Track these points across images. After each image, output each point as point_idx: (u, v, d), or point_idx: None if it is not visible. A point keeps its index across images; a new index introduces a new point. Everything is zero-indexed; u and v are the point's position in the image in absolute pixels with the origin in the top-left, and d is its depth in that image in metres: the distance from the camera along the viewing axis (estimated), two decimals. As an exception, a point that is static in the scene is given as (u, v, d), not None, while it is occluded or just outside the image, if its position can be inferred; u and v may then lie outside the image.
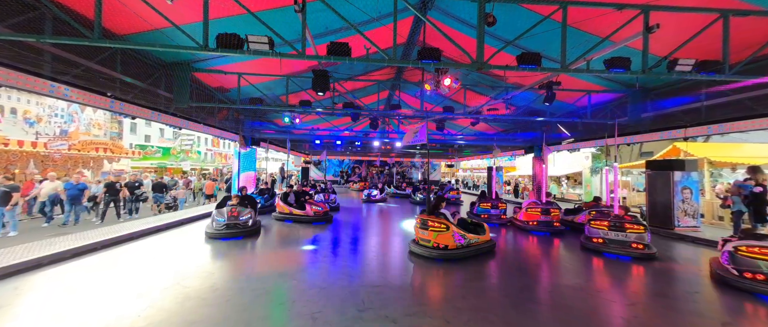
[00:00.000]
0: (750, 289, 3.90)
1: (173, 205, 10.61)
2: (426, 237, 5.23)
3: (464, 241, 5.22)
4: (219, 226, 6.33)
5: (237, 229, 6.36)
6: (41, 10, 4.28)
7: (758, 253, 3.98)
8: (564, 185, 20.34)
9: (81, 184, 8.38)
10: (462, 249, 5.17)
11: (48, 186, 8.39)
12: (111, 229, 6.42)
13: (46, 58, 4.83)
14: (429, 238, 5.17)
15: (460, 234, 5.21)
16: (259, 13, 4.13)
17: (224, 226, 6.32)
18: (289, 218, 8.32)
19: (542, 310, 3.44)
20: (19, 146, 11.63)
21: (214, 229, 6.33)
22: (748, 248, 4.08)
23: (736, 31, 4.35)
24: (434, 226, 5.16)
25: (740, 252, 4.13)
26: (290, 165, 27.06)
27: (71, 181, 8.44)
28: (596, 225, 5.86)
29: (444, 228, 5.13)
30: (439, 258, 5.02)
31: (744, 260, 4.07)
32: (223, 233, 6.23)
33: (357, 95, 10.22)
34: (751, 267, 3.99)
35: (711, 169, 11.67)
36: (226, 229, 6.27)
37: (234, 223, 6.40)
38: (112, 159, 15.63)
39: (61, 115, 25.69)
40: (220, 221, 6.39)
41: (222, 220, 6.40)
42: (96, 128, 26.61)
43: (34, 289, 3.69)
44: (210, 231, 6.36)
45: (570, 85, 7.87)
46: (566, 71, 4.65)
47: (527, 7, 4.82)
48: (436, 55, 4.56)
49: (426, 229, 5.24)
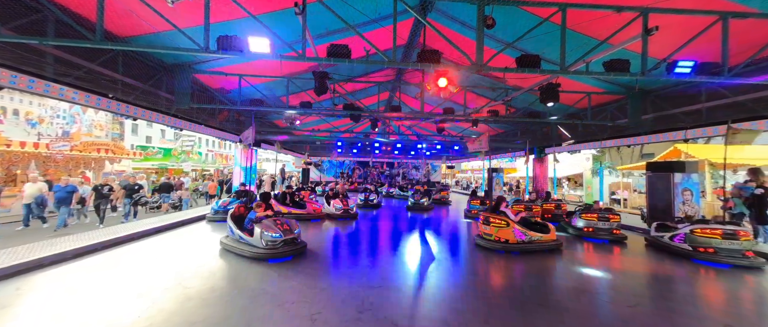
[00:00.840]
0: (702, 258, 5.41)
1: (178, 205, 10.84)
2: (488, 231, 6.03)
3: (526, 237, 5.79)
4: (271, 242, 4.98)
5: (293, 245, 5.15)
6: (44, 12, 4.32)
7: (710, 233, 5.40)
8: (565, 187, 20.32)
9: (70, 185, 8.03)
10: (522, 244, 5.76)
11: (31, 188, 8.02)
12: (110, 231, 6.45)
13: (48, 60, 4.86)
14: (491, 233, 5.98)
15: (522, 231, 5.81)
16: (259, 15, 4.16)
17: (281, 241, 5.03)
18: (287, 217, 8.43)
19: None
20: (21, 147, 11.68)
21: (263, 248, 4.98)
22: (702, 230, 5.53)
23: (735, 34, 4.35)
24: (495, 222, 5.96)
25: (696, 233, 5.55)
26: (290, 166, 27.13)
27: (59, 184, 8.05)
28: (586, 217, 7.24)
29: (504, 224, 5.86)
30: (501, 250, 5.77)
31: (699, 239, 5.49)
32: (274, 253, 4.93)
33: (357, 96, 10.25)
34: (704, 244, 5.43)
35: (712, 170, 11.65)
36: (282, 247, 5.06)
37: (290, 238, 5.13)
38: (113, 160, 15.68)
39: (63, 116, 25.82)
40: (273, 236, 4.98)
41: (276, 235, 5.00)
42: (98, 129, 26.73)
43: (36, 290, 3.72)
44: (239, 247, 5.20)
45: (570, 88, 7.87)
46: (565, 73, 4.66)
47: (526, 10, 4.83)
48: (435, 57, 4.58)
49: (488, 224, 6.05)
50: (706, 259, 5.36)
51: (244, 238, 5.19)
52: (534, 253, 5.72)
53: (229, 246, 5.37)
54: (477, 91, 9.20)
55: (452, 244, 6.62)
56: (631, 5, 4.21)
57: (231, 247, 5.33)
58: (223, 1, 4.20)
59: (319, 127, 13.39)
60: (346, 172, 24.58)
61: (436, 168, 25.74)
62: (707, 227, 5.54)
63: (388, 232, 7.79)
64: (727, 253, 5.25)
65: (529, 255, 5.65)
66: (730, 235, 5.29)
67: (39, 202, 8.12)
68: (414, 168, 25.61)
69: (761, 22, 4.35)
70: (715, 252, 5.32)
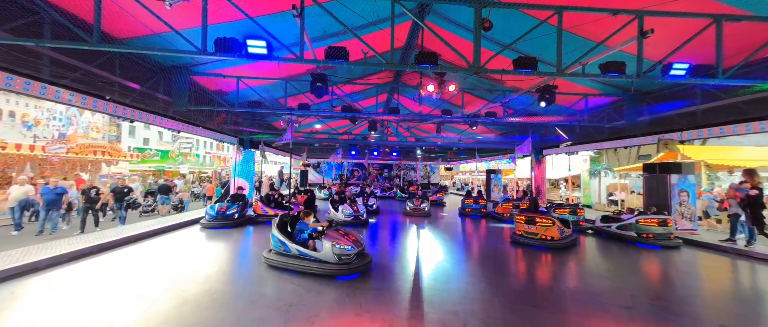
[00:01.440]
0: (644, 242, 6.68)
1: (179, 207, 10.80)
2: (533, 231, 6.47)
3: (564, 233, 6.38)
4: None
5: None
6: (40, 14, 4.31)
7: (650, 222, 6.75)
8: (563, 188, 20.39)
9: (59, 187, 7.73)
10: (563, 240, 6.29)
11: (17, 191, 7.72)
12: (109, 233, 6.40)
13: (44, 61, 4.84)
14: (537, 232, 6.42)
15: (561, 228, 6.36)
16: (257, 18, 4.16)
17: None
18: (271, 220, 8.32)
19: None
20: (17, 149, 11.59)
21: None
22: (645, 220, 6.82)
23: (729, 36, 4.40)
24: (542, 222, 6.44)
25: (640, 222, 6.82)
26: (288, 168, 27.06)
27: (48, 185, 7.72)
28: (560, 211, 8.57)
29: (551, 223, 6.36)
30: (544, 247, 6.24)
31: (641, 227, 6.77)
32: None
33: (355, 98, 10.26)
34: (645, 230, 6.73)
35: (708, 171, 11.74)
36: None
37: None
38: (110, 162, 15.59)
39: (59, 118, 25.66)
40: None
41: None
42: (94, 131, 26.57)
43: (31, 293, 3.68)
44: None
45: (567, 89, 7.92)
46: (562, 75, 4.69)
47: (524, 12, 4.87)
48: (433, 59, 4.60)
49: (533, 224, 6.50)
50: (647, 242, 6.64)
51: (306, 252, 4.46)
52: (565, 248, 6.29)
53: (284, 263, 4.57)
54: (475, 92, 9.24)
55: (494, 255, 6.03)
56: (627, 8, 4.25)
57: (287, 263, 4.55)
58: (221, 4, 4.21)
59: (317, 129, 13.39)
60: (345, 174, 24.55)
61: (434, 169, 25.78)
62: (648, 217, 6.82)
63: (400, 245, 6.53)
64: (659, 239, 6.58)
65: (565, 250, 6.21)
66: (662, 223, 6.71)
67: (24, 206, 7.80)
68: (412, 170, 25.62)
69: (755, 24, 4.40)
70: (653, 237, 6.60)
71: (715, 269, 5.48)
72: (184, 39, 4.11)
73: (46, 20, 4.37)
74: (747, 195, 6.20)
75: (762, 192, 6.18)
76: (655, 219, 6.76)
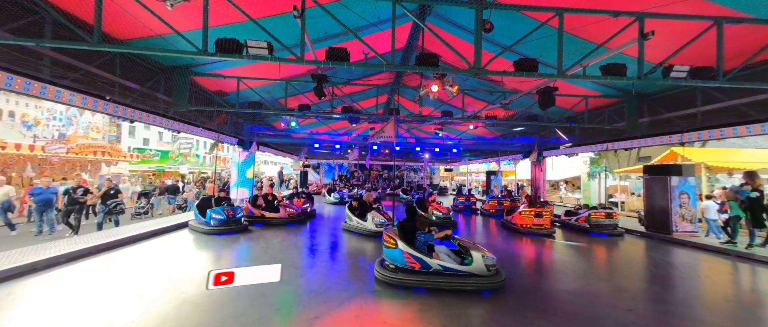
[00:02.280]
0: (595, 231, 8.14)
1: (184, 206, 10.84)
2: (540, 222, 7.76)
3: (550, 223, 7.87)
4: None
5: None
6: (41, 14, 4.31)
7: (599, 215, 8.24)
8: (563, 189, 20.38)
9: (52, 188, 7.40)
10: (552, 228, 7.87)
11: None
12: (108, 233, 6.38)
13: (45, 62, 4.84)
14: (543, 223, 7.75)
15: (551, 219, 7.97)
16: (259, 19, 4.16)
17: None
18: (260, 221, 8.21)
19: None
20: (17, 149, 11.58)
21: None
22: (595, 213, 8.30)
23: (730, 38, 4.41)
24: (545, 212, 7.83)
25: (592, 216, 8.26)
26: (288, 168, 27.06)
27: (39, 185, 7.43)
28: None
29: (550, 213, 8.00)
30: (546, 235, 7.67)
31: (593, 219, 8.22)
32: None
33: (355, 99, 10.27)
34: (596, 222, 8.18)
35: (708, 174, 11.73)
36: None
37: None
38: (110, 162, 15.58)
39: (59, 118, 25.67)
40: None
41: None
42: (94, 131, 26.57)
43: (29, 294, 3.67)
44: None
45: (567, 91, 7.93)
46: (563, 77, 4.69)
47: (524, 14, 4.87)
48: (434, 60, 4.60)
49: (541, 217, 7.76)
50: (597, 232, 8.09)
51: (452, 267, 3.91)
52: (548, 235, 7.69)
53: (422, 281, 3.89)
54: (475, 94, 9.24)
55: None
56: (628, 10, 4.25)
57: (428, 282, 3.88)
58: (222, 5, 4.21)
59: (317, 129, 13.40)
60: (345, 174, 24.54)
61: (434, 171, 25.78)
62: (598, 211, 8.43)
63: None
64: (607, 228, 8.10)
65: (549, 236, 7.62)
66: (609, 216, 8.23)
67: (6, 207, 7.43)
68: (412, 171, 25.61)
69: (755, 27, 4.41)
70: (602, 227, 8.09)
71: (718, 271, 5.47)
72: (185, 40, 4.11)
73: (47, 20, 4.37)
74: (748, 197, 6.20)
75: (763, 194, 6.17)
76: (603, 212, 8.32)
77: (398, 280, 3.95)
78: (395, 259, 4.08)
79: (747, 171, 6.69)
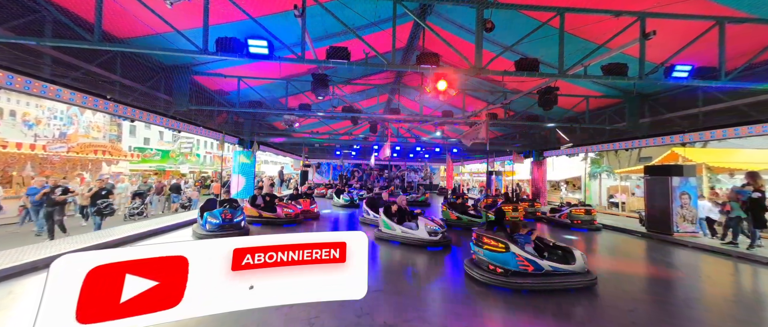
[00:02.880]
0: (576, 226, 9.02)
1: (187, 205, 10.85)
2: (516, 215, 8.46)
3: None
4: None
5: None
6: (41, 12, 4.31)
7: (579, 212, 9.20)
8: (563, 190, 20.36)
9: (46, 186, 7.07)
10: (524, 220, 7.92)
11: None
12: (107, 233, 6.39)
13: (45, 60, 4.84)
14: (517, 216, 8.42)
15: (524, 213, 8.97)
16: (259, 18, 4.16)
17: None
18: (258, 221, 8.28)
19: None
20: (18, 148, 11.59)
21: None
22: (575, 210, 9.28)
23: (732, 38, 4.39)
24: (520, 207, 9.20)
25: (573, 212, 9.20)
26: (289, 168, 27.08)
27: (34, 186, 7.19)
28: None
29: (523, 210, 9.64)
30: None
31: (574, 215, 9.17)
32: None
33: (356, 99, 10.26)
34: (576, 218, 9.12)
35: (709, 174, 11.71)
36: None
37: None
38: (110, 162, 15.59)
39: (60, 117, 25.68)
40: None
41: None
42: (95, 131, 26.58)
43: (29, 293, 3.67)
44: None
45: (568, 91, 7.91)
46: (564, 77, 4.68)
47: (525, 14, 4.86)
48: (435, 60, 4.59)
49: (517, 211, 8.76)
50: (578, 226, 8.94)
51: (560, 267, 4.06)
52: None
53: (533, 284, 3.97)
54: (476, 94, 9.24)
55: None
56: (629, 10, 4.24)
57: (535, 284, 3.97)
58: (222, 4, 4.21)
59: (317, 129, 13.39)
60: (345, 174, 24.54)
61: (434, 170, 25.77)
62: (577, 208, 9.31)
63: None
64: (586, 223, 8.91)
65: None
66: (587, 212, 9.08)
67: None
68: (413, 170, 25.61)
69: (757, 27, 4.39)
70: (581, 222, 8.95)
71: (719, 272, 5.46)
72: (185, 38, 4.11)
73: (48, 19, 4.37)
74: (750, 198, 6.18)
75: (764, 195, 6.15)
76: (582, 209, 9.25)
77: (517, 284, 3.95)
78: (507, 263, 4.07)
79: (749, 172, 6.67)
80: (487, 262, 4.27)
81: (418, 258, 5.67)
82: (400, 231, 6.40)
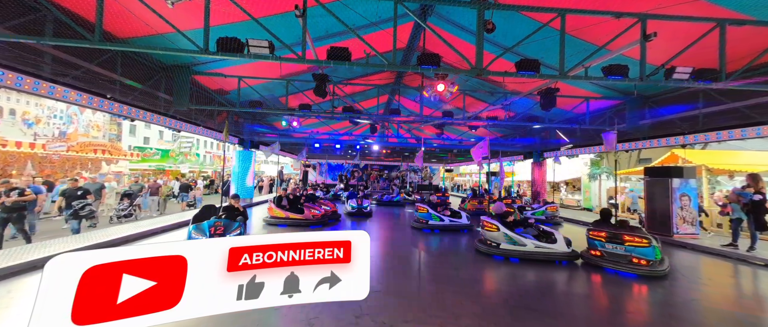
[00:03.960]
0: (551, 222, 10.04)
1: (192, 204, 11.42)
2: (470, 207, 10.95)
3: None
4: None
5: None
6: (42, 12, 4.31)
7: (554, 209, 11.05)
8: (563, 191, 20.34)
9: (32, 186, 6.42)
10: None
11: None
12: (107, 232, 6.38)
13: (46, 59, 4.84)
14: (483, 207, 9.78)
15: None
16: (260, 18, 4.15)
17: None
18: (284, 222, 8.28)
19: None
20: (17, 147, 11.60)
21: None
22: (552, 207, 11.00)
23: (732, 40, 4.39)
24: (485, 201, 10.59)
25: (548, 209, 10.86)
26: (289, 168, 27.06)
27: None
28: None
29: (487, 203, 10.51)
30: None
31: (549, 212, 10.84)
32: None
33: (356, 99, 10.25)
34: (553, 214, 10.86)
35: (709, 176, 11.70)
36: None
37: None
38: (110, 161, 15.60)
39: (60, 116, 25.69)
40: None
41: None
42: (95, 130, 26.56)
43: (28, 292, 3.65)
44: None
45: (568, 92, 7.91)
46: (564, 78, 4.67)
47: (526, 15, 4.86)
48: (435, 60, 4.59)
49: (481, 204, 10.71)
50: (552, 222, 10.06)
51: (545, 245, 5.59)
52: None
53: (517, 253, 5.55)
54: (476, 95, 9.23)
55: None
56: (630, 11, 4.24)
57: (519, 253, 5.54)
58: (223, 4, 4.20)
59: (318, 130, 13.39)
60: (345, 174, 24.52)
61: (434, 171, 25.76)
62: (553, 205, 11.02)
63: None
64: (550, 218, 10.43)
65: None
66: (556, 209, 11.03)
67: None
68: (412, 171, 25.59)
69: (758, 29, 4.39)
70: (546, 219, 10.31)
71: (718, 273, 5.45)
72: (186, 38, 4.10)
73: (48, 18, 4.37)
74: (751, 200, 6.17)
75: (765, 197, 6.15)
76: (554, 206, 11.11)
77: (506, 252, 5.60)
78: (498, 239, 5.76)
79: (750, 174, 6.65)
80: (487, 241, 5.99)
81: (555, 276, 4.80)
82: (534, 246, 5.46)
